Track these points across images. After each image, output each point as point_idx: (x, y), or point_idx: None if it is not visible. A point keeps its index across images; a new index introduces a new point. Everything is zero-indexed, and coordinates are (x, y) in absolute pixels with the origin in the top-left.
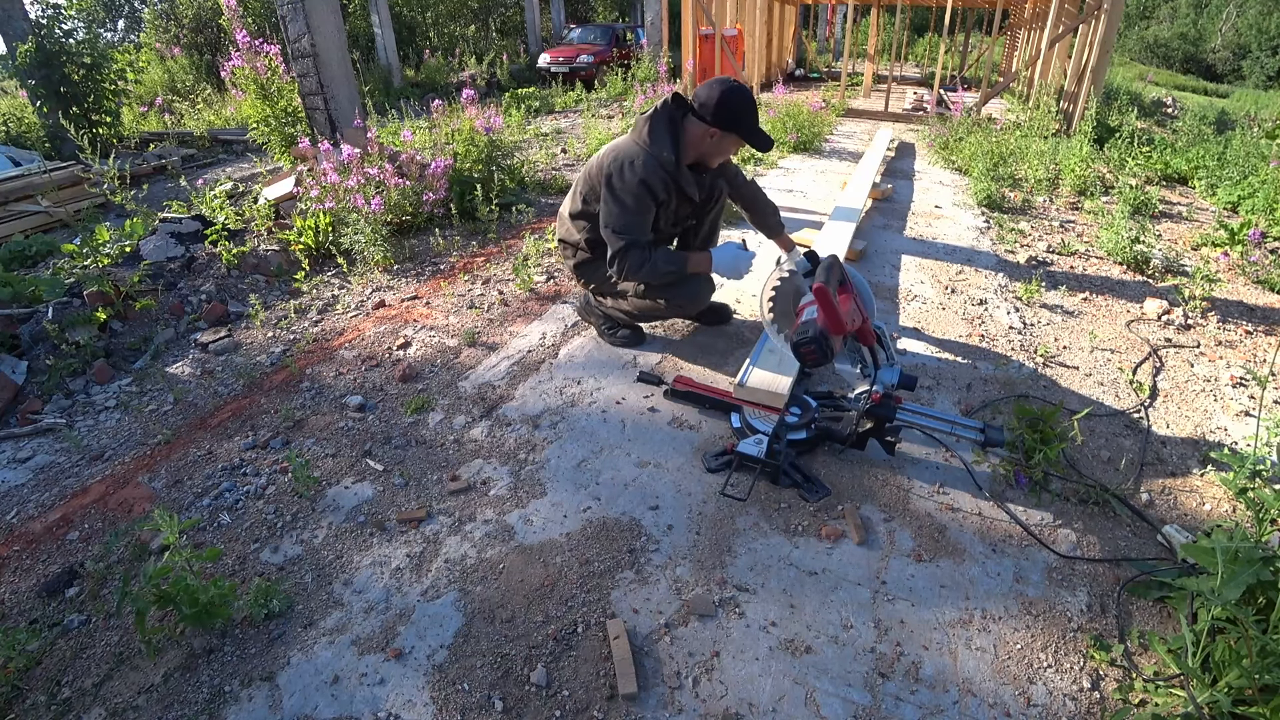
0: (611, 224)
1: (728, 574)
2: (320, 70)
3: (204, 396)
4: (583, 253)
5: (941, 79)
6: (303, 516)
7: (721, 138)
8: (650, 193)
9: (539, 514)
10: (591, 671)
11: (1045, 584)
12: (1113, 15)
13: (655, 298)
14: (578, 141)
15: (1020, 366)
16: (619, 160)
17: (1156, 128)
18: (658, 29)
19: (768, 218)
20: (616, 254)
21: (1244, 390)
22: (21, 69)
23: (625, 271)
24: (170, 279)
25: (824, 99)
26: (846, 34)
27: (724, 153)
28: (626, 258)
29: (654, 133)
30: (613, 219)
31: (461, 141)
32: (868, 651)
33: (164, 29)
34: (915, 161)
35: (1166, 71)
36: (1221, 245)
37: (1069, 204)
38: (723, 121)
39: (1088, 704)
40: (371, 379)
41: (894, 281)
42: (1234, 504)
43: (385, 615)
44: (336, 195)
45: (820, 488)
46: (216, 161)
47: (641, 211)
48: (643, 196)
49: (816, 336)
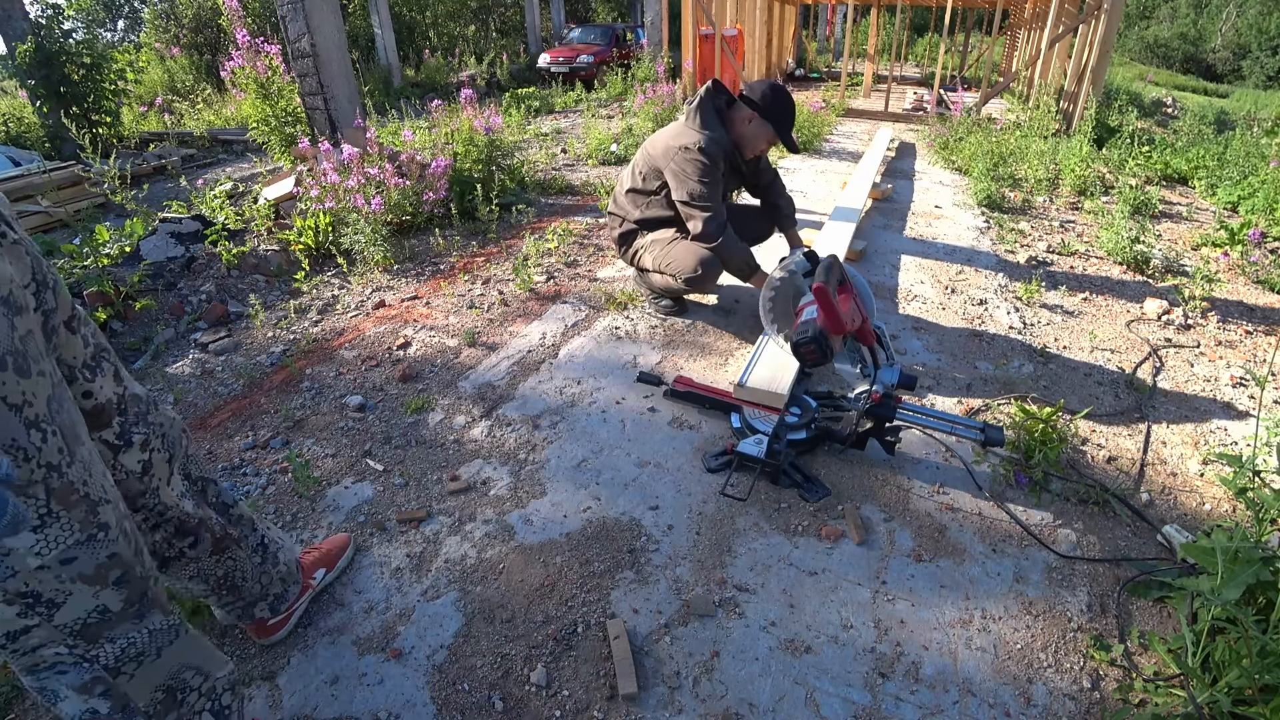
0: (693, 198)
1: (728, 574)
2: (320, 70)
3: (204, 396)
4: (629, 224)
5: (941, 79)
6: (303, 516)
7: (760, 126)
8: (715, 165)
9: (539, 514)
10: (591, 671)
11: (1045, 584)
12: (1113, 15)
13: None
14: (578, 141)
15: (1020, 366)
16: (684, 144)
17: (1156, 128)
18: (658, 29)
19: (781, 209)
20: (707, 224)
21: (1244, 390)
22: (21, 69)
23: (717, 241)
24: (170, 279)
25: (824, 99)
26: (846, 34)
27: (758, 141)
28: (720, 232)
29: (705, 118)
30: (694, 195)
31: (461, 141)
32: (868, 651)
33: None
34: (915, 161)
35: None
36: (1221, 245)
37: (1069, 204)
38: (767, 112)
39: (1088, 704)
40: (371, 379)
41: (894, 281)
42: (1234, 504)
43: (385, 615)
44: (336, 195)
45: (820, 488)
46: (216, 161)
47: (714, 183)
48: (710, 169)
49: (816, 336)
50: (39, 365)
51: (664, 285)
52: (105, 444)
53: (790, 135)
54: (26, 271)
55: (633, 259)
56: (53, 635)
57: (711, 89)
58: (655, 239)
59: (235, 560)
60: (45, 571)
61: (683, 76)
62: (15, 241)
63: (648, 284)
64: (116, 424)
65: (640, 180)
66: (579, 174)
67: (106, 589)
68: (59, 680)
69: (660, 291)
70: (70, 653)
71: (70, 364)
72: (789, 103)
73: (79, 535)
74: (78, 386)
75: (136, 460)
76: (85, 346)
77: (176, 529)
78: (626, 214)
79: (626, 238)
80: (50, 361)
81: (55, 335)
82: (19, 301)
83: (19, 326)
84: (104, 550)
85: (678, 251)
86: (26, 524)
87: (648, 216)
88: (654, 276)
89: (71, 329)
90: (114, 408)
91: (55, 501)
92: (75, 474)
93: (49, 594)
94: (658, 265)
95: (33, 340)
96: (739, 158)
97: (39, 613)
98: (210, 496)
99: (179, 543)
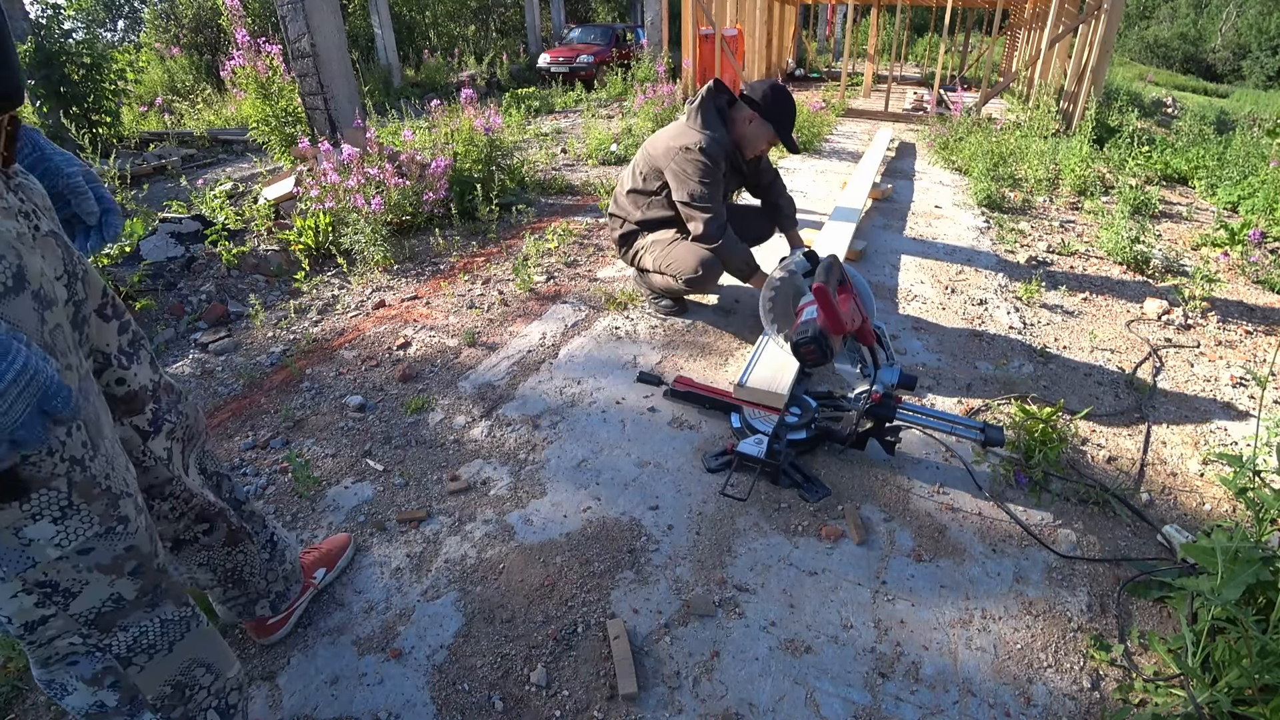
0: (694, 198)
1: (728, 574)
2: (320, 70)
3: (204, 396)
4: (629, 225)
5: (941, 79)
6: (303, 516)
7: (761, 126)
8: (716, 165)
9: (539, 514)
10: (591, 671)
11: (1045, 584)
12: (1113, 15)
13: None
14: (578, 141)
15: (1020, 366)
16: (684, 144)
17: (1156, 128)
18: (658, 29)
19: (782, 209)
20: (708, 224)
21: (1244, 390)
22: (21, 69)
23: (718, 242)
24: (170, 279)
25: (824, 99)
26: (846, 34)
27: (759, 141)
28: (721, 233)
29: (706, 118)
30: (694, 195)
31: (461, 141)
32: (868, 651)
33: (164, 29)
34: (915, 161)
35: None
36: (1221, 245)
37: (1069, 204)
38: (767, 112)
39: (1088, 704)
40: (371, 379)
41: (894, 281)
42: (1234, 504)
43: (385, 615)
44: (336, 195)
45: (820, 488)
46: (216, 161)
47: (715, 184)
48: (711, 169)
49: (816, 336)
50: (67, 359)
51: (664, 285)
52: (136, 429)
53: (791, 136)
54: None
55: (633, 260)
56: (68, 625)
57: (713, 89)
58: (656, 239)
59: (246, 554)
60: (64, 561)
61: (683, 76)
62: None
63: (648, 284)
64: (149, 410)
65: (641, 181)
66: (579, 174)
67: (122, 578)
68: (69, 672)
69: (660, 292)
70: (84, 642)
71: (104, 351)
72: (790, 103)
73: (98, 528)
74: (111, 373)
75: (163, 447)
76: (122, 333)
77: (197, 516)
78: (627, 215)
79: (627, 238)
80: (79, 354)
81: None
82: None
83: (49, 320)
84: (122, 542)
85: (678, 252)
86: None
87: (649, 217)
88: (654, 277)
89: (104, 316)
90: (148, 394)
91: (77, 494)
92: (98, 467)
93: (66, 583)
94: (658, 266)
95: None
96: (739, 158)
97: (56, 602)
98: (225, 492)
99: (196, 528)
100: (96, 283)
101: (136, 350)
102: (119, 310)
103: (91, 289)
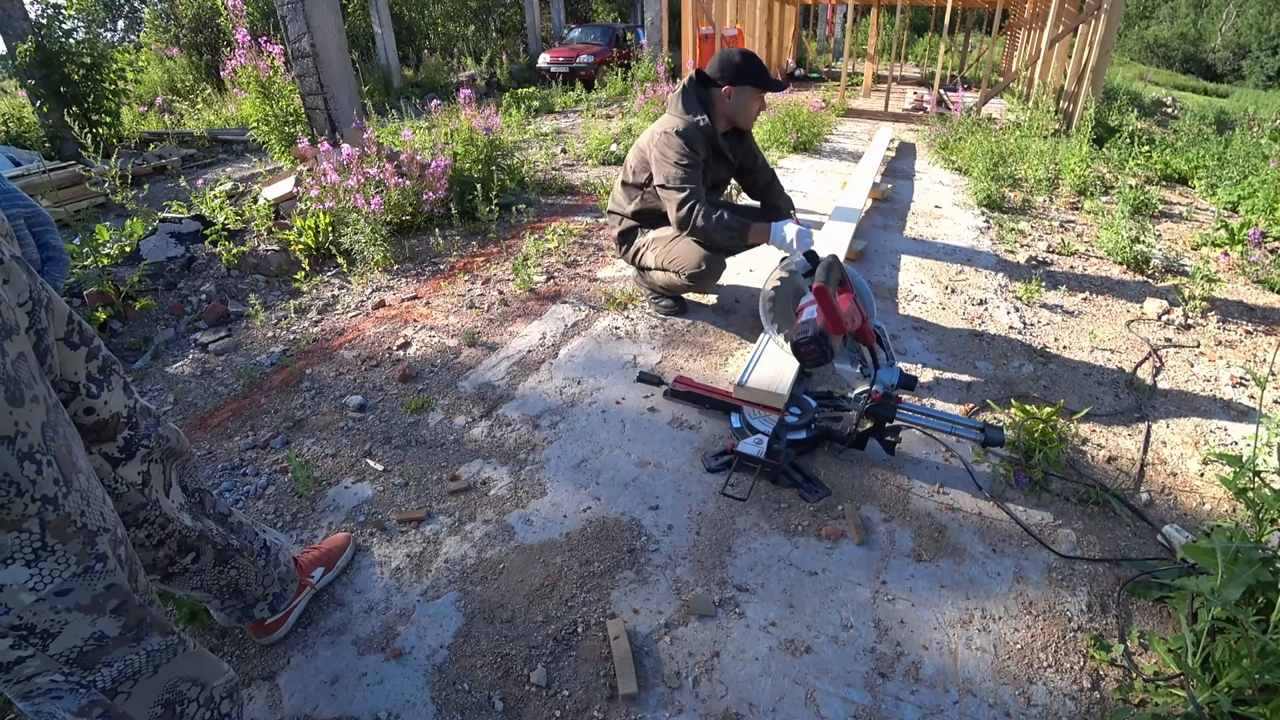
0: (669, 180)
1: (728, 574)
2: (320, 70)
3: (204, 396)
4: (627, 221)
5: (941, 79)
6: (303, 516)
7: (738, 93)
8: (693, 149)
9: (539, 514)
10: (591, 671)
11: (1045, 584)
12: (1113, 15)
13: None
14: (578, 141)
15: (1020, 366)
16: (664, 129)
17: (1156, 128)
18: (658, 29)
19: (781, 209)
20: (683, 204)
21: (1244, 390)
22: (21, 69)
23: (695, 220)
24: (170, 279)
25: (824, 99)
26: (846, 34)
27: (748, 108)
28: (695, 210)
29: (686, 104)
30: (670, 176)
31: (461, 141)
32: (868, 651)
33: (164, 29)
34: (915, 161)
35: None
36: (1221, 245)
37: (1069, 204)
38: (731, 78)
39: (1088, 704)
40: (371, 379)
41: (894, 281)
42: (1234, 504)
43: (385, 615)
44: (336, 195)
45: (820, 488)
46: (216, 161)
47: (692, 165)
48: (688, 152)
49: (816, 336)
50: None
51: (666, 283)
52: (105, 457)
53: (769, 80)
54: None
55: (634, 258)
56: (47, 665)
57: (694, 78)
58: (657, 237)
59: (239, 568)
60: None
61: (682, 76)
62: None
63: (649, 283)
64: (122, 438)
65: (631, 174)
66: (579, 174)
67: (104, 617)
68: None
69: (661, 290)
70: (66, 680)
71: (72, 380)
72: (749, 58)
73: (75, 568)
74: (79, 402)
75: (136, 472)
76: (90, 360)
77: (179, 546)
78: (622, 208)
79: (626, 236)
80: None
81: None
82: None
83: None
84: (102, 581)
85: (680, 248)
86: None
87: (641, 209)
88: (656, 274)
89: (71, 344)
90: (121, 421)
91: (51, 535)
92: (72, 504)
93: (44, 625)
94: (660, 263)
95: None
96: (723, 141)
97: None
98: (207, 507)
99: (181, 559)
100: (61, 310)
101: (108, 376)
102: (87, 336)
103: (56, 317)
